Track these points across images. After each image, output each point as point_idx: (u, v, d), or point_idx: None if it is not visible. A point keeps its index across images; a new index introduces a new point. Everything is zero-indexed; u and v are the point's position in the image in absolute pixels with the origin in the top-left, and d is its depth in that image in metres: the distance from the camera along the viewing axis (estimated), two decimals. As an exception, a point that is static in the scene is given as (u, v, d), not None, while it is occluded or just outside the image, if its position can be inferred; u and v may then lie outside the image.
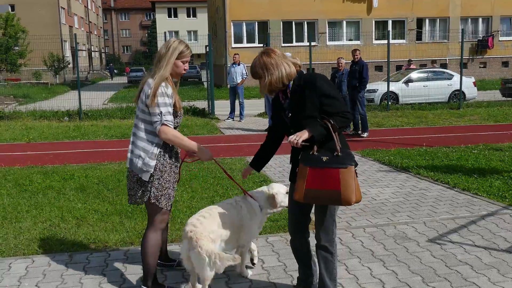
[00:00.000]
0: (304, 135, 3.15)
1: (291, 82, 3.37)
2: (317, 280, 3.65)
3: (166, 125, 3.44)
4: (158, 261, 4.00)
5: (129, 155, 3.61)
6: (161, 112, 3.42)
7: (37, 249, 4.75)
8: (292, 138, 3.15)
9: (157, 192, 3.58)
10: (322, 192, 3.16)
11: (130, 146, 3.61)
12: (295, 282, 3.94)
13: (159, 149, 3.54)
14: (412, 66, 22.73)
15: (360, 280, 3.98)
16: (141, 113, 3.54)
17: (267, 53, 3.37)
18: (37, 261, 4.48)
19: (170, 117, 3.47)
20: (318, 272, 3.57)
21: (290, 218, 3.61)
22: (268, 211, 4.02)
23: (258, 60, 3.37)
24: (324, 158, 3.18)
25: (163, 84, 3.46)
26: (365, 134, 11.92)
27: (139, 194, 3.62)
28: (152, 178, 3.55)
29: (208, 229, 3.57)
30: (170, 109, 3.47)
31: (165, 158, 3.57)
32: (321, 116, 3.23)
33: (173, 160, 3.65)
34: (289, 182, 3.62)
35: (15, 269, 4.30)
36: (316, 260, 3.60)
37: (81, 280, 4.07)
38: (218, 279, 4.03)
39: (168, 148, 3.59)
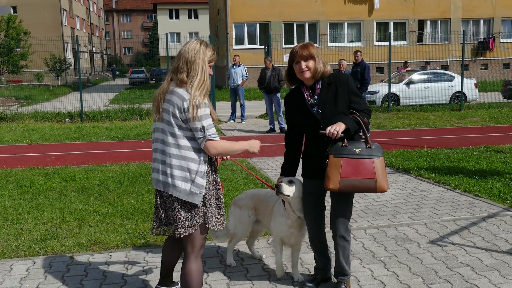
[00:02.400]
0: (341, 127, 3.37)
1: (320, 81, 3.59)
2: (332, 267, 3.87)
3: (211, 139, 3.08)
4: (158, 287, 3.67)
5: (162, 177, 3.16)
6: (203, 127, 3.04)
7: (38, 250, 4.76)
8: (331, 129, 3.35)
9: (211, 214, 3.21)
10: (358, 181, 3.39)
11: (160, 167, 3.16)
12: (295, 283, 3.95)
13: (207, 166, 3.17)
14: (408, 69, 22.70)
15: (361, 281, 3.98)
16: (178, 129, 3.09)
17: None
18: (38, 263, 4.48)
19: (213, 129, 3.10)
20: (334, 259, 3.77)
21: (310, 213, 3.72)
22: (293, 214, 3.79)
23: (311, 44, 3.58)
24: (357, 150, 3.43)
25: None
26: (366, 136, 11.90)
27: (184, 223, 3.14)
28: (204, 200, 3.18)
29: (240, 197, 4.35)
30: (211, 120, 3.10)
31: (209, 175, 3.22)
32: (349, 112, 3.53)
33: (214, 174, 3.28)
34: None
35: (16, 271, 4.31)
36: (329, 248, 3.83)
37: (82, 282, 4.07)
38: (219, 280, 4.04)
39: (209, 163, 3.23)
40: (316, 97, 3.58)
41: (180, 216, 3.13)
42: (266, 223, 4.15)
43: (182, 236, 3.15)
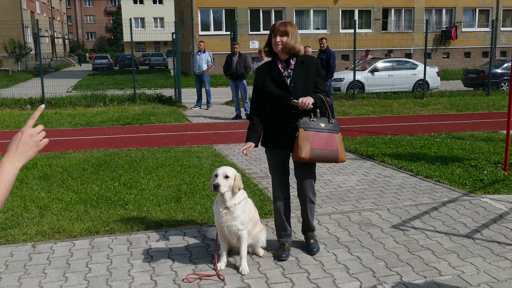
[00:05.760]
0: (311, 100, 3.81)
1: (295, 58, 4.00)
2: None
3: None
4: None
5: None
6: None
7: (-2, 239, 4.65)
8: (304, 99, 3.77)
9: None
10: (324, 152, 3.87)
11: None
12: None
13: None
14: (369, 57, 22.98)
15: (325, 266, 4.04)
16: None
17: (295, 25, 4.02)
18: (-2, 252, 4.38)
19: None
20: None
21: (279, 182, 4.17)
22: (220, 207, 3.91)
23: (290, 23, 3.96)
24: (322, 125, 3.92)
25: None
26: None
27: None
28: None
29: None
30: None
31: None
32: (315, 91, 3.98)
33: None
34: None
35: (-24, 260, 4.20)
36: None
37: (45, 270, 4.00)
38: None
39: None
40: (289, 71, 4.00)
41: None
42: None
43: None
